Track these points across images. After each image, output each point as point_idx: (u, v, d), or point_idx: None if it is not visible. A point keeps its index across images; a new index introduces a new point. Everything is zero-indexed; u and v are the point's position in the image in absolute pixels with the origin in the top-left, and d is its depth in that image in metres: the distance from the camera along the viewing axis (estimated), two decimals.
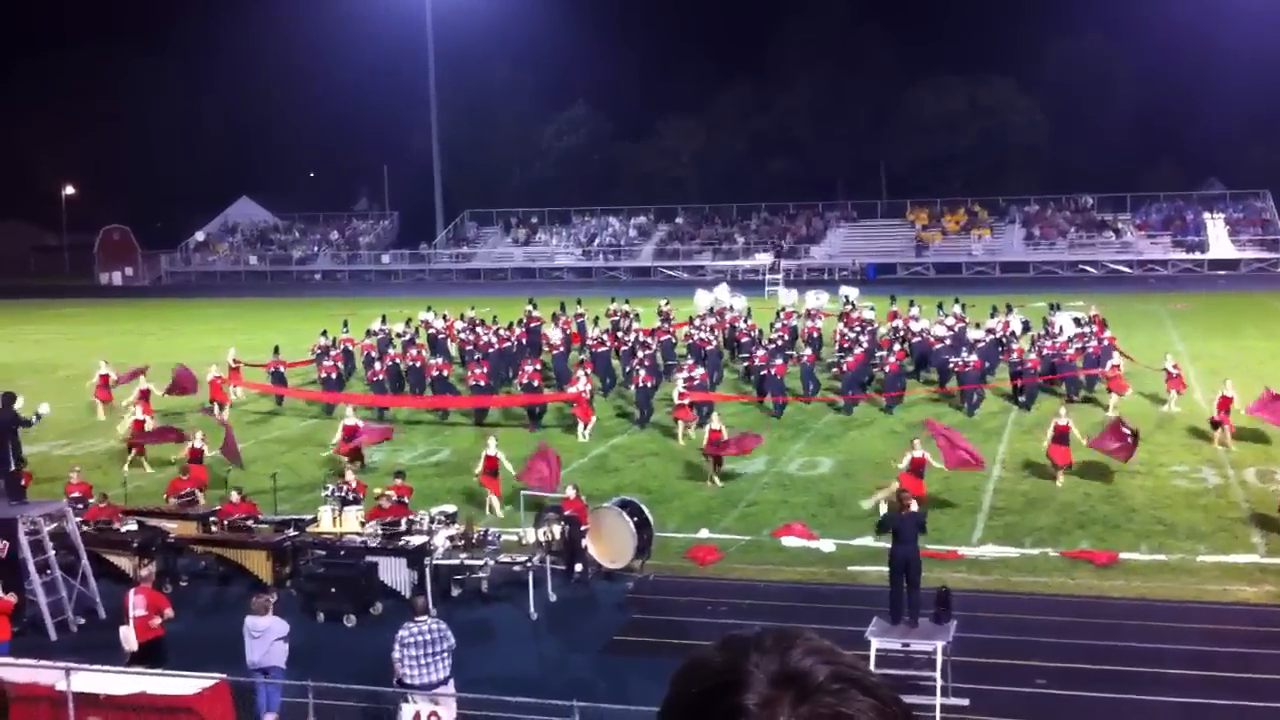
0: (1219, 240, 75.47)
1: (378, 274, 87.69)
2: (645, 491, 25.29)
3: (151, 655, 16.39)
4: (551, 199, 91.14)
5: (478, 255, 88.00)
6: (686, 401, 31.01)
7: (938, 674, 15.52)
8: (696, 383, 32.36)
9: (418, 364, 36.87)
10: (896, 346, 36.03)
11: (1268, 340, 42.41)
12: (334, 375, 36.81)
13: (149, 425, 30.47)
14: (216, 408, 34.58)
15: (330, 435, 30.08)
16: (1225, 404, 28.63)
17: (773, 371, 33.62)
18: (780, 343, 37.95)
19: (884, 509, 18.06)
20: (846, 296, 46.89)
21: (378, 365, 37.13)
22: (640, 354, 35.85)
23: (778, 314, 43.50)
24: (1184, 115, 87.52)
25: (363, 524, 21.54)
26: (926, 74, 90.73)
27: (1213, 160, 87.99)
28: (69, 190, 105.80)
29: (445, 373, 35.75)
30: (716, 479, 26.75)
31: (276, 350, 37.91)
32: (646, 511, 21.40)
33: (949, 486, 26.05)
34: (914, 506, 17.56)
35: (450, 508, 22.59)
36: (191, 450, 27.12)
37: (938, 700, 15.35)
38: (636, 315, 44.53)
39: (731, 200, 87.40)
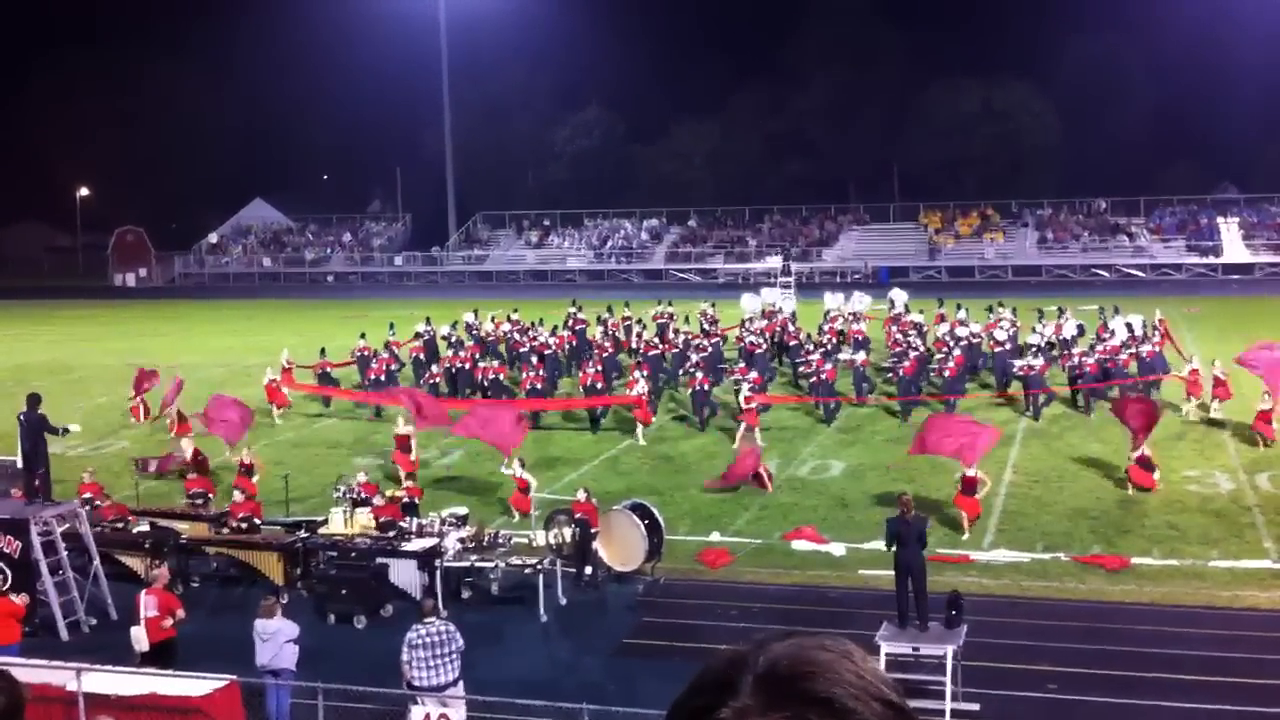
0: (1233, 244, 75.21)
1: (390, 276, 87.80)
2: (656, 494, 25.29)
3: (163, 656, 16.43)
4: (565, 201, 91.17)
5: (490, 257, 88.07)
6: (755, 405, 31.04)
7: (948, 678, 15.50)
8: (753, 386, 32.33)
9: (466, 365, 36.74)
10: (956, 350, 35.45)
11: None
12: (383, 378, 36.43)
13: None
14: (275, 410, 34.70)
15: (376, 438, 29.98)
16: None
17: (823, 376, 33.50)
18: (830, 346, 37.65)
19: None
20: (892, 300, 46.15)
21: (434, 368, 36.86)
22: (694, 357, 35.84)
23: (825, 316, 43.26)
24: (1199, 119, 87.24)
25: (369, 524, 21.56)
26: (941, 76, 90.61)
27: (1227, 164, 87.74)
28: (83, 191, 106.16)
29: (501, 375, 35.59)
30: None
31: (323, 352, 37.77)
32: (657, 514, 21.40)
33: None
34: (914, 511, 17.53)
35: (461, 510, 22.62)
36: (196, 454, 27.21)
37: (948, 705, 15.34)
38: (686, 318, 44.14)
39: (746, 202, 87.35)
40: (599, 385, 33.60)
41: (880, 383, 36.67)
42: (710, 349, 37.85)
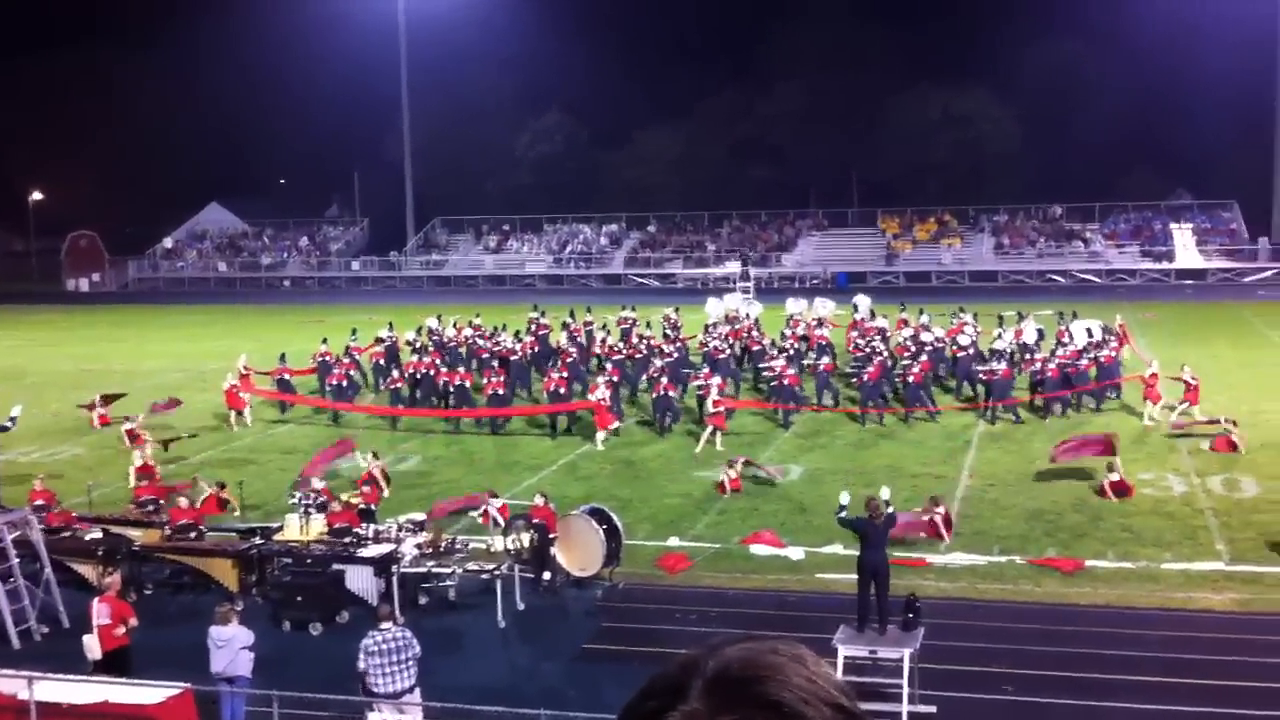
0: (1186, 250, 76.00)
1: (348, 281, 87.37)
2: (615, 499, 25.26)
3: (116, 664, 16.25)
4: (526, 206, 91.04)
5: (449, 262, 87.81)
6: (721, 409, 31.18)
7: (905, 681, 15.55)
8: (718, 391, 32.33)
9: (429, 372, 36.45)
10: (922, 356, 35.43)
11: (1234, 349, 42.76)
12: (344, 384, 36.01)
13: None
14: (234, 416, 34.42)
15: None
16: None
17: (785, 381, 33.54)
18: (794, 351, 37.68)
19: (845, 498, 17.97)
20: (856, 305, 46.20)
21: (395, 373, 36.69)
22: (658, 362, 35.80)
23: (787, 322, 43.26)
24: (1154, 126, 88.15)
25: (322, 532, 21.39)
26: (904, 83, 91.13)
27: (1181, 170, 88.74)
28: (37, 195, 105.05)
29: (466, 382, 35.25)
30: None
31: (283, 358, 37.26)
32: (616, 519, 21.37)
33: (918, 493, 26.14)
34: (889, 509, 17.57)
35: (418, 515, 22.51)
36: (145, 465, 26.90)
37: (905, 708, 15.39)
38: (648, 324, 43.96)
39: (708, 208, 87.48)
40: (562, 391, 33.59)
41: (843, 388, 36.76)
42: (674, 355, 37.81)
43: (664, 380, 33.12)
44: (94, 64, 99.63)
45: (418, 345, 40.66)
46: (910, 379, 34.00)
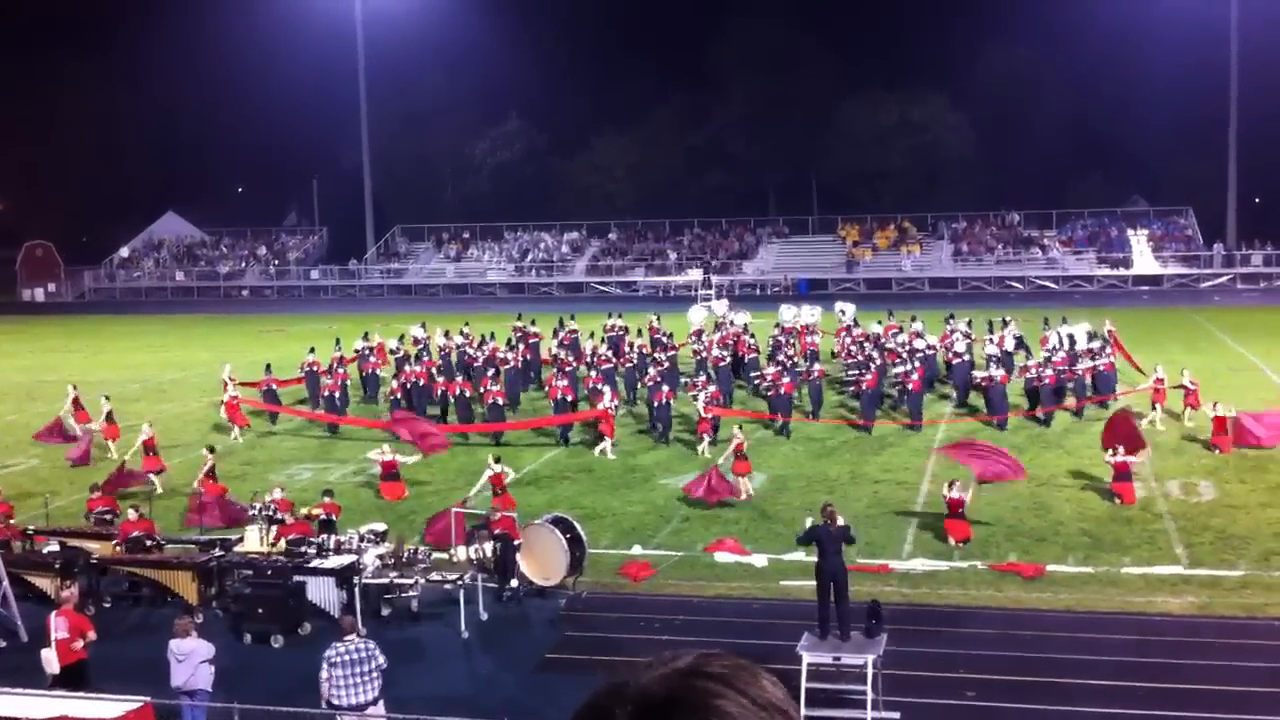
0: (1142, 256, 76.76)
1: (306, 290, 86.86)
2: (578, 508, 25.21)
3: (74, 678, 16.07)
4: (485, 214, 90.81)
5: (409, 271, 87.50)
6: (710, 416, 31.39)
7: (868, 687, 15.60)
8: (710, 399, 32.47)
9: (422, 381, 35.97)
10: (915, 363, 35.37)
11: (1190, 354, 43.16)
12: (336, 394, 35.49)
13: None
14: (238, 431, 34.04)
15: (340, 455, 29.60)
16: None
17: (781, 390, 33.46)
18: (788, 359, 37.52)
19: (809, 522, 18.07)
20: (844, 311, 46.00)
21: (395, 384, 36.35)
22: (651, 370, 35.85)
23: (777, 328, 43.07)
24: (1109, 132, 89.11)
25: (272, 544, 21.21)
26: (859, 89, 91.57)
27: (1137, 176, 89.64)
28: None
29: (467, 391, 34.94)
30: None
31: (268, 368, 36.72)
32: (579, 528, 21.32)
33: (879, 500, 26.25)
34: (840, 520, 17.62)
35: (380, 526, 22.40)
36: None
37: (869, 714, 15.44)
38: (640, 331, 43.36)
39: (667, 214, 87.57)
40: (570, 398, 33.70)
41: (833, 394, 36.80)
42: (667, 362, 37.65)
43: (665, 389, 33.24)
44: (49, 70, 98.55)
45: (400, 354, 40.06)
46: (910, 386, 33.84)
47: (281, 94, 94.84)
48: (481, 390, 34.60)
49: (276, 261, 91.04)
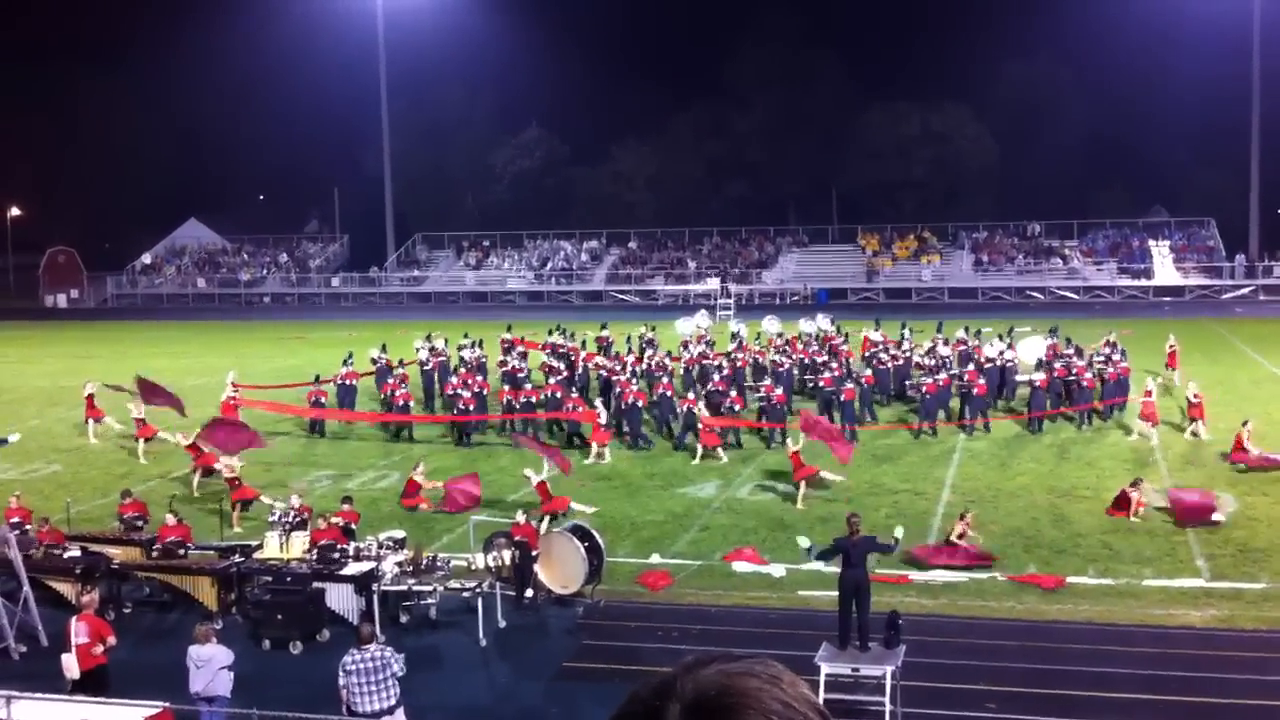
0: (1164, 267, 76.50)
1: (327, 297, 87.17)
2: (596, 516, 25.21)
3: (94, 684, 16.13)
4: (505, 222, 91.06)
5: (429, 278, 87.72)
6: (715, 429, 31.51)
7: (887, 699, 15.55)
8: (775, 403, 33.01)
9: (485, 391, 35.81)
10: (970, 367, 35.72)
11: (1212, 365, 42.96)
12: (395, 395, 35.34)
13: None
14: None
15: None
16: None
17: (774, 401, 33.34)
18: (785, 370, 37.38)
19: (804, 542, 18.17)
20: (878, 323, 44.71)
21: (454, 379, 36.17)
22: (665, 379, 35.84)
23: (800, 337, 42.99)
24: (1131, 143, 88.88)
25: (306, 551, 21.27)
26: (880, 99, 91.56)
27: (1158, 187, 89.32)
28: (15, 211, 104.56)
29: (533, 398, 34.71)
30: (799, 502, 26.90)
31: (317, 379, 36.05)
32: (597, 536, 21.34)
33: (899, 510, 26.17)
34: (862, 532, 17.60)
35: (399, 533, 22.42)
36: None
37: None
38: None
39: (686, 224, 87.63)
40: (641, 404, 33.76)
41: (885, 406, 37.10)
42: (674, 373, 37.63)
43: (690, 395, 33.37)
44: (73, 79, 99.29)
45: (429, 364, 38.87)
46: (974, 391, 34.03)
47: (304, 103, 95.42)
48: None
49: (297, 269, 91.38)
